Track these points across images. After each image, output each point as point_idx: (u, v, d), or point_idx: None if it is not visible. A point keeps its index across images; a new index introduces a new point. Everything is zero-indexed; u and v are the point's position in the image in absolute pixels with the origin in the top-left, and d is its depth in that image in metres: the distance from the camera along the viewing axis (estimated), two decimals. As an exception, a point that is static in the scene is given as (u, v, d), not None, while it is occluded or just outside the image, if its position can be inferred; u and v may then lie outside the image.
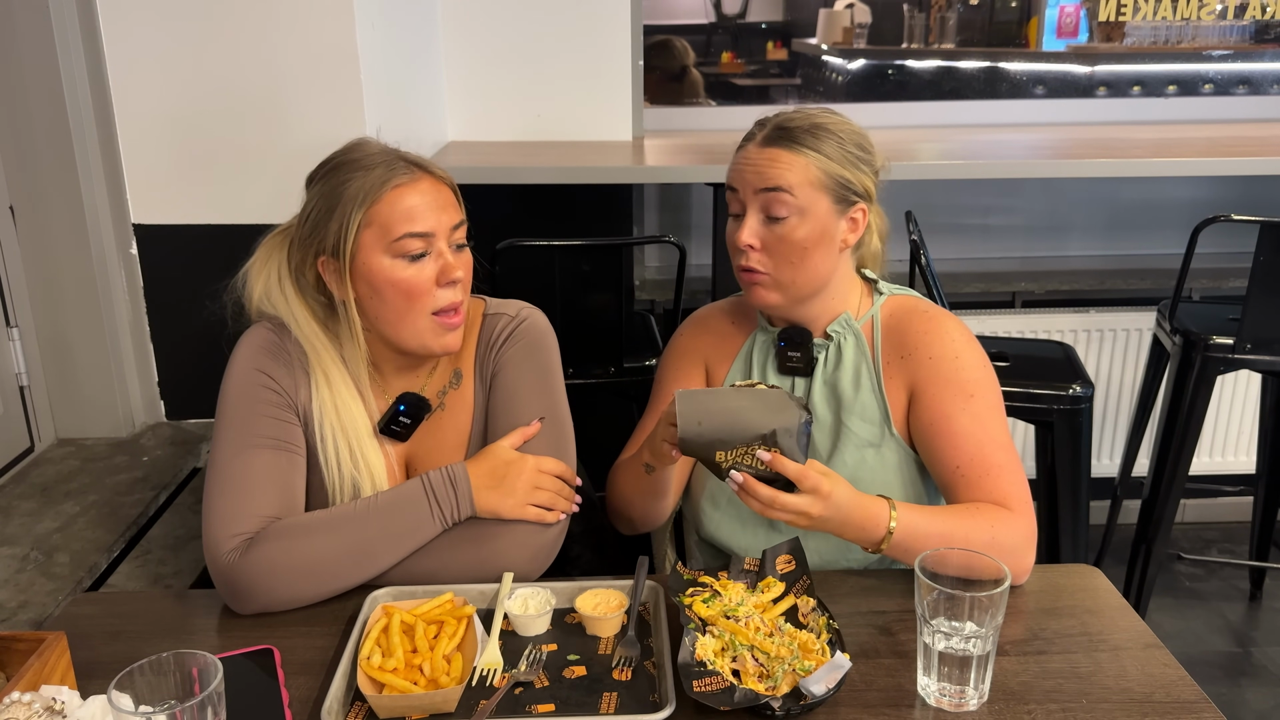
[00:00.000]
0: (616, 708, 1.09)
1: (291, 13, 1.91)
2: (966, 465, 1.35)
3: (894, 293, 1.50)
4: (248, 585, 1.26)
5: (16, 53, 1.87)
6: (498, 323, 1.44)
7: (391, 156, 1.33)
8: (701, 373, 1.57)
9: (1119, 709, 1.09)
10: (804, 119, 1.39)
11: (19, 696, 1.00)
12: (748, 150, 1.41)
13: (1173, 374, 2.50)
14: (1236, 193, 3.08)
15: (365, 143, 1.36)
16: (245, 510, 1.30)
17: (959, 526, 1.29)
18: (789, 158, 1.37)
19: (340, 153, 1.36)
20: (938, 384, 1.39)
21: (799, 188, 1.36)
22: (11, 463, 1.95)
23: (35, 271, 1.99)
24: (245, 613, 1.28)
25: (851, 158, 1.39)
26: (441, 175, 1.35)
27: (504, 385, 1.41)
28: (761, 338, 1.52)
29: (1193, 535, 3.21)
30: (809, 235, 1.37)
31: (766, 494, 1.22)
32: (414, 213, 1.30)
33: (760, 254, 1.39)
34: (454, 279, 1.33)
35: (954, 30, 3.27)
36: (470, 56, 2.74)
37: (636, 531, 1.56)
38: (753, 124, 1.44)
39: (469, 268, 1.37)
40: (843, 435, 1.44)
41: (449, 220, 1.33)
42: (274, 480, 1.33)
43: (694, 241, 2.97)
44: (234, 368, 1.39)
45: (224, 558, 1.27)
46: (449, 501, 1.31)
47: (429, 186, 1.32)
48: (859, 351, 1.45)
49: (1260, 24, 3.21)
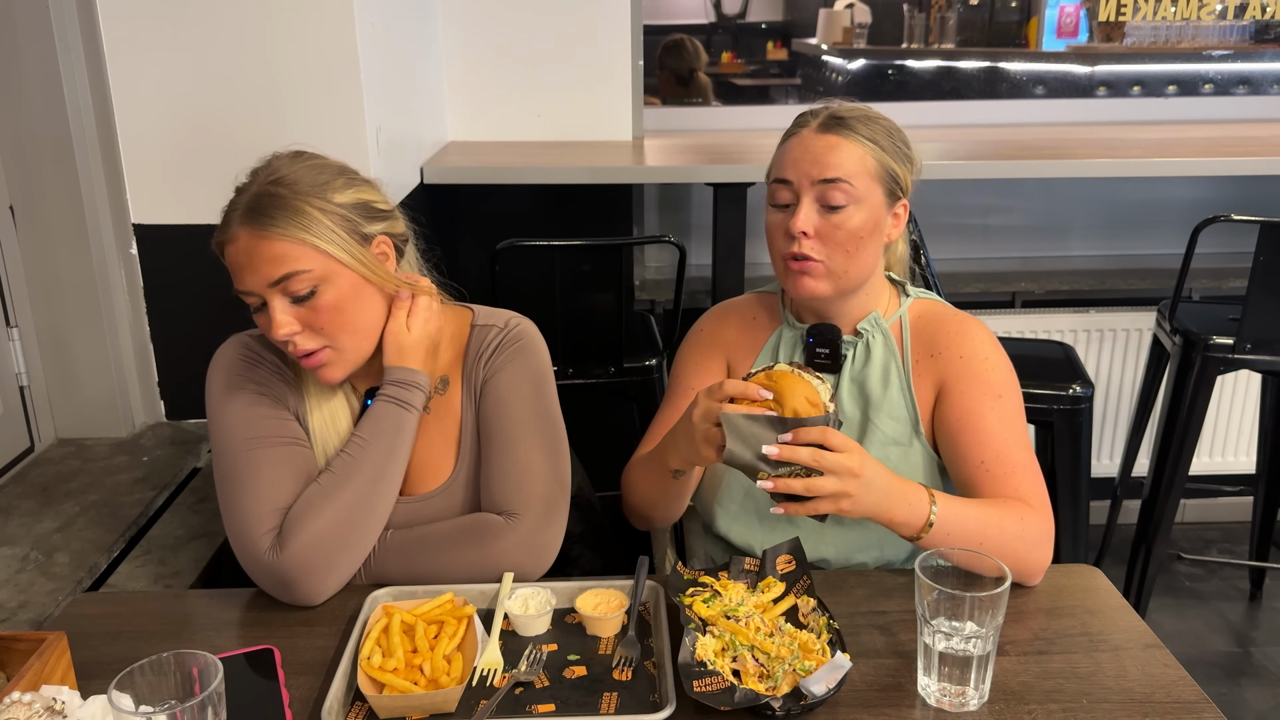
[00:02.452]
0: (617, 708, 1.09)
1: (291, 13, 1.91)
2: (992, 461, 1.35)
3: (920, 296, 1.50)
4: (300, 574, 1.26)
5: (16, 53, 1.87)
6: (487, 334, 1.44)
7: (247, 200, 1.28)
8: (722, 365, 1.54)
9: (1119, 709, 1.09)
10: (856, 109, 1.40)
11: (19, 696, 1.00)
12: (803, 137, 1.39)
13: (1173, 374, 2.50)
14: (1236, 193, 3.08)
15: (258, 170, 1.33)
16: (268, 507, 1.30)
17: (993, 515, 1.29)
18: (848, 145, 1.36)
19: (246, 175, 1.34)
20: (967, 381, 1.40)
21: (858, 177, 1.36)
22: (11, 463, 1.95)
23: (35, 271, 1.99)
24: (313, 602, 1.29)
25: (900, 151, 1.40)
26: (275, 226, 1.24)
27: (496, 393, 1.41)
28: (789, 333, 1.51)
29: (1193, 535, 3.21)
30: (864, 225, 1.37)
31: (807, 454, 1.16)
32: (236, 270, 1.28)
33: (814, 241, 1.37)
34: (275, 338, 1.27)
35: (954, 30, 3.27)
36: (470, 56, 2.74)
37: (653, 528, 1.56)
38: (797, 116, 1.43)
39: (324, 315, 1.28)
40: (869, 433, 1.43)
41: (265, 277, 1.25)
42: (290, 473, 1.33)
43: (694, 241, 2.97)
44: (214, 382, 1.39)
45: (264, 557, 1.27)
46: (413, 394, 1.35)
47: (245, 244, 1.26)
48: (888, 350, 1.45)
49: (1260, 24, 3.21)
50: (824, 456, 1.17)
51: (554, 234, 2.11)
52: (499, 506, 1.36)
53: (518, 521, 1.35)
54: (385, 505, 1.34)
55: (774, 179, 1.41)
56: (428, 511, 1.40)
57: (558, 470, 1.40)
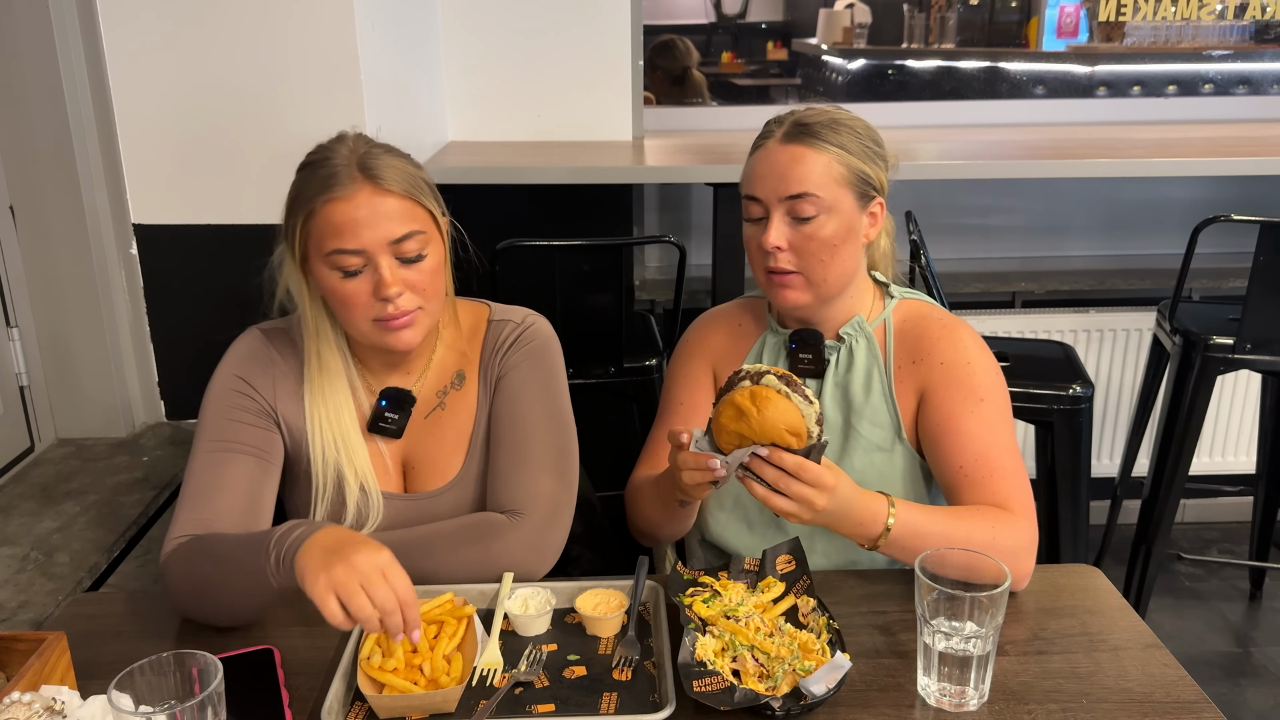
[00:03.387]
0: (616, 708, 1.09)
1: (291, 13, 1.91)
2: (970, 466, 1.35)
3: (905, 296, 1.49)
4: (171, 593, 1.27)
5: (16, 53, 1.87)
6: (503, 329, 1.44)
7: (348, 161, 1.28)
8: (709, 376, 1.55)
9: (1119, 709, 1.09)
10: (821, 115, 1.39)
11: (19, 696, 1.00)
12: (768, 149, 1.39)
13: (1173, 374, 2.50)
14: (1236, 193, 3.08)
15: (338, 142, 1.32)
16: (196, 516, 1.30)
17: (959, 526, 1.28)
18: (812, 155, 1.35)
19: (316, 149, 1.33)
20: (948, 387, 1.39)
21: (825, 186, 1.35)
22: (11, 463, 1.95)
23: (35, 271, 1.99)
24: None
25: (869, 152, 1.39)
26: (393, 185, 1.28)
27: (509, 390, 1.41)
28: (772, 339, 1.51)
29: (1193, 535, 3.21)
30: (837, 232, 1.36)
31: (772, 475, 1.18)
32: (343, 229, 1.26)
33: (789, 254, 1.37)
34: (385, 296, 1.27)
35: (954, 30, 3.27)
36: (470, 56, 2.74)
37: (658, 545, 1.56)
38: (764, 125, 1.42)
39: (428, 278, 1.31)
40: (852, 439, 1.43)
41: (385, 234, 1.26)
42: (240, 487, 1.33)
43: (694, 241, 2.97)
44: (216, 373, 1.40)
45: (160, 558, 1.29)
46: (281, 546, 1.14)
47: (367, 199, 1.26)
48: (871, 354, 1.45)
49: (1260, 24, 3.21)
50: (789, 484, 1.17)
51: (554, 234, 2.10)
52: (504, 505, 1.36)
53: (522, 521, 1.34)
54: (242, 609, 1.23)
55: (744, 195, 1.42)
56: (435, 509, 1.40)
57: (565, 471, 1.40)
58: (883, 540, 1.26)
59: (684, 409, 1.53)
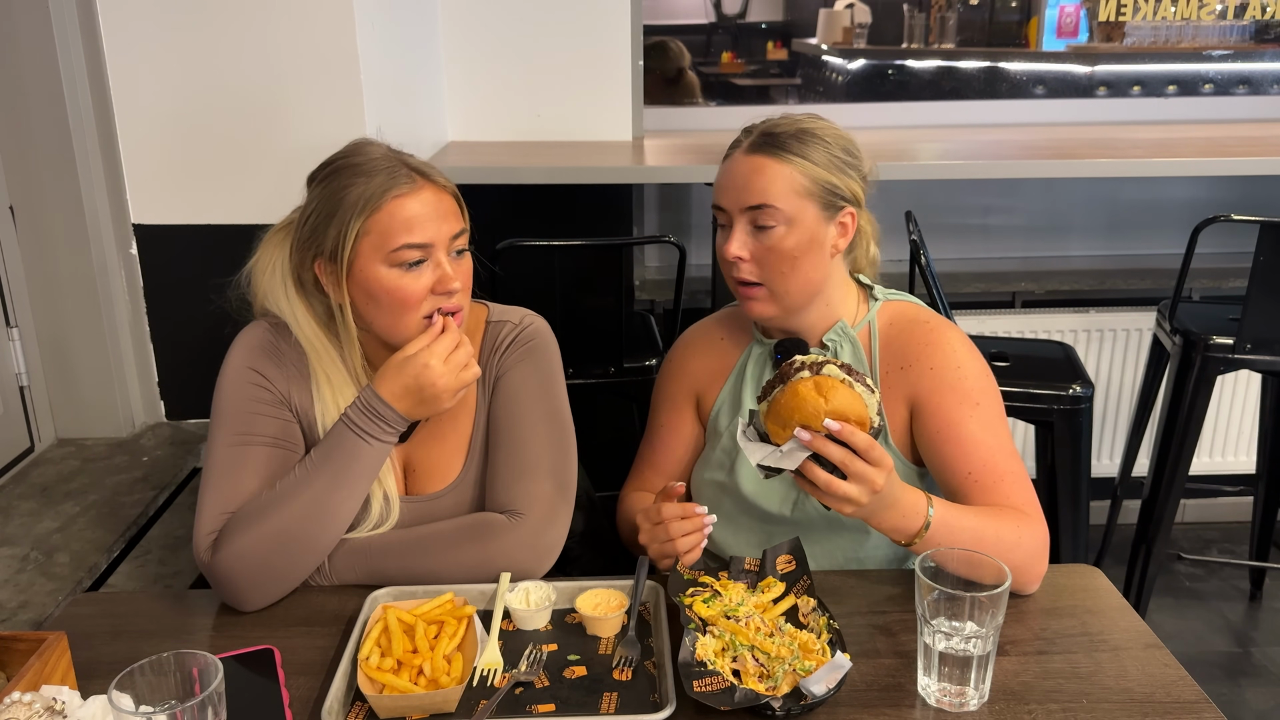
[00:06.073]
0: (617, 708, 1.09)
1: (291, 13, 1.91)
2: (979, 471, 1.34)
3: (890, 298, 1.48)
4: (225, 582, 1.27)
5: (16, 53, 1.88)
6: (501, 329, 1.44)
7: (394, 162, 1.31)
8: (691, 400, 1.56)
9: (1119, 709, 1.09)
10: (790, 125, 1.38)
11: (19, 696, 1.00)
12: (734, 159, 1.40)
13: (1173, 374, 2.50)
14: (1236, 193, 3.08)
15: (368, 145, 1.34)
16: (221, 508, 1.30)
17: (989, 525, 1.28)
18: (774, 167, 1.35)
19: (342, 154, 1.34)
20: (941, 393, 1.38)
21: (785, 198, 1.35)
22: (11, 463, 1.95)
23: (35, 271, 1.99)
24: (244, 610, 1.28)
25: (838, 163, 1.38)
26: (444, 183, 1.33)
27: (507, 390, 1.41)
28: (758, 350, 1.51)
29: (1193, 535, 3.21)
30: (798, 244, 1.36)
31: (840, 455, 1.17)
32: (413, 223, 1.28)
33: (751, 265, 1.38)
34: (450, 290, 1.31)
35: (954, 30, 3.27)
36: (470, 56, 2.74)
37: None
38: (740, 130, 1.42)
39: (469, 274, 1.35)
40: None
41: (449, 230, 1.31)
42: (260, 478, 1.32)
43: (694, 241, 2.97)
44: (228, 366, 1.38)
45: (202, 557, 1.28)
46: (377, 426, 1.30)
47: (430, 196, 1.30)
48: (856, 360, 1.44)
49: (1260, 24, 3.21)
50: (855, 462, 1.17)
51: (554, 234, 2.10)
52: (503, 505, 1.36)
53: (521, 521, 1.34)
54: (324, 536, 1.30)
55: (712, 204, 1.42)
56: (436, 511, 1.39)
57: (564, 472, 1.40)
58: (920, 536, 1.25)
59: (664, 431, 1.57)
